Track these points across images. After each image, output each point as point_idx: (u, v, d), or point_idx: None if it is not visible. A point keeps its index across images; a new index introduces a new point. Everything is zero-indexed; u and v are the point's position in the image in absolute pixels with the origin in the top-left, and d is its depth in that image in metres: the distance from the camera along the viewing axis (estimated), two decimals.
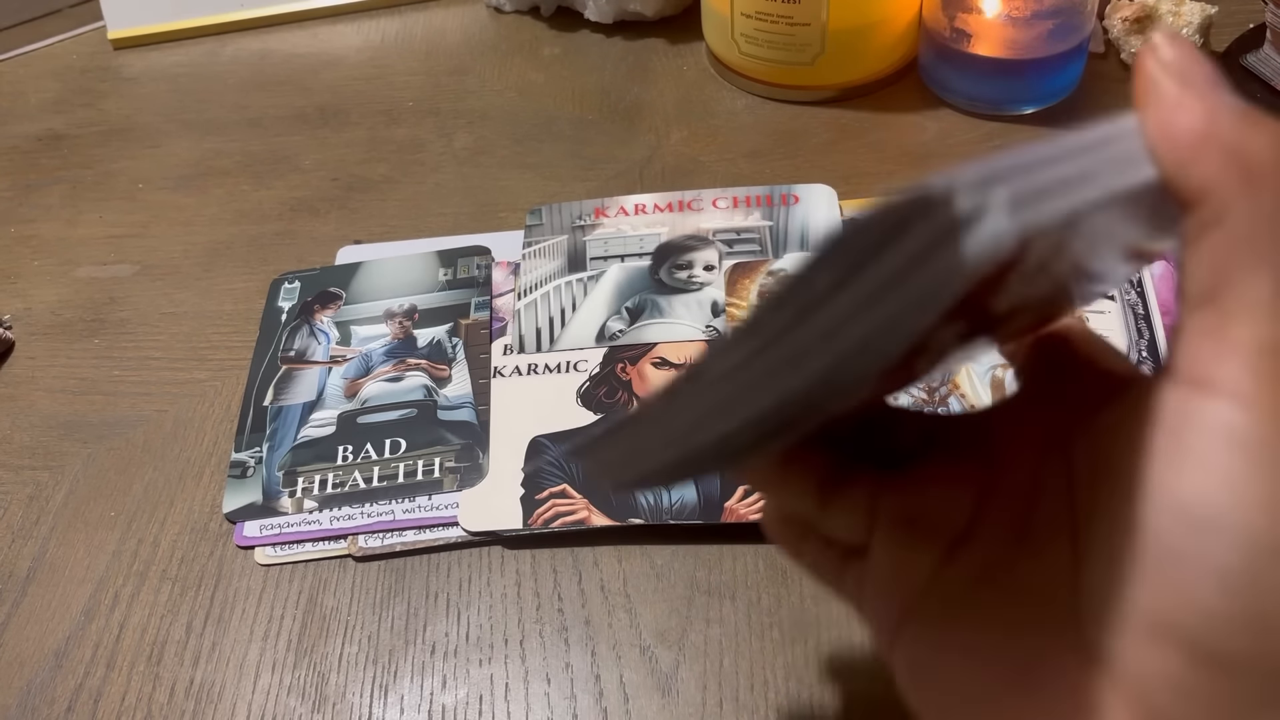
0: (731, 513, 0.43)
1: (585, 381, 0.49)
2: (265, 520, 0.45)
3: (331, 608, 0.43)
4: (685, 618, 0.41)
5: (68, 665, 0.42)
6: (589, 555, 0.44)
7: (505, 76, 0.68)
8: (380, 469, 0.47)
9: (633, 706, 0.39)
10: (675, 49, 0.69)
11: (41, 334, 0.55)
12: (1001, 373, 0.47)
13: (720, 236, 0.55)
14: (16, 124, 0.69)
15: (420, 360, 0.51)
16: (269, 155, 0.64)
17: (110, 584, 0.44)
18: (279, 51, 0.72)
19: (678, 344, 0.50)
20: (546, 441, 0.47)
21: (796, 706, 0.39)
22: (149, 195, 0.63)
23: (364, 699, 0.40)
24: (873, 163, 0.59)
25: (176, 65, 0.72)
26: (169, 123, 0.68)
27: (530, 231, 0.56)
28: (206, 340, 0.54)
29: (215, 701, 0.41)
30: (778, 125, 0.62)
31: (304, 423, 0.49)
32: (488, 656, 0.41)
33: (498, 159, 0.62)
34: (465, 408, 0.49)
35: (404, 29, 0.73)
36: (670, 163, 0.61)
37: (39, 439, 0.50)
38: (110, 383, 0.52)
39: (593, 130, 0.63)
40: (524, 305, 0.53)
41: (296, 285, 0.55)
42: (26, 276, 0.59)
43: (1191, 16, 0.60)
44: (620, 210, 0.57)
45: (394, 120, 0.66)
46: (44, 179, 0.65)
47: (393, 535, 0.45)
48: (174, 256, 0.59)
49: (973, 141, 0.60)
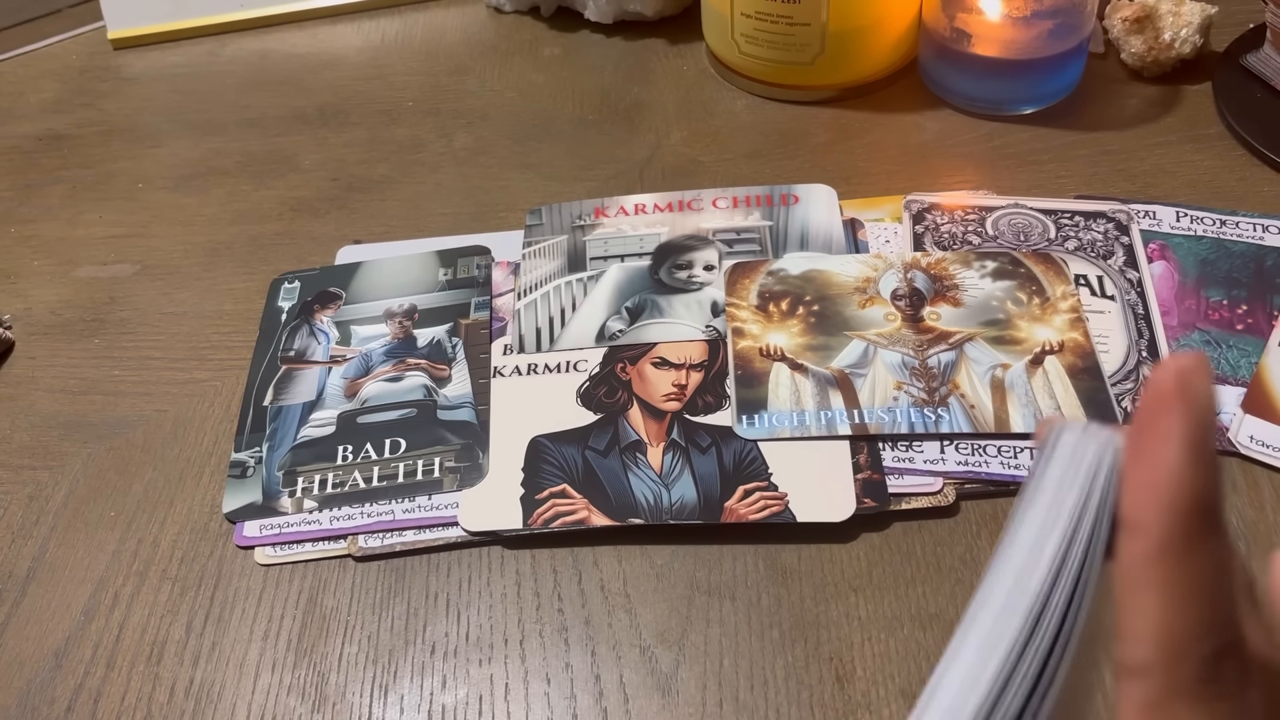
0: (731, 513, 0.43)
1: (585, 381, 0.49)
2: (265, 520, 0.45)
3: (331, 608, 0.43)
4: (685, 618, 0.41)
5: (68, 665, 0.42)
6: (589, 555, 0.44)
7: (505, 76, 0.68)
8: (380, 469, 0.47)
9: (633, 706, 0.39)
10: (675, 49, 0.69)
11: (41, 334, 0.55)
12: (1001, 373, 0.47)
13: (720, 236, 0.55)
14: (16, 124, 0.69)
15: (420, 360, 0.51)
16: (269, 155, 0.64)
17: (110, 584, 0.44)
18: (279, 51, 0.72)
19: (678, 344, 0.50)
20: (546, 441, 0.47)
21: (796, 706, 0.39)
22: (149, 195, 0.63)
23: (364, 699, 0.40)
24: (873, 163, 0.59)
25: (176, 65, 0.72)
26: (169, 123, 0.68)
27: (530, 231, 0.56)
28: (206, 340, 0.54)
29: (215, 701, 0.41)
30: (778, 125, 0.62)
31: (304, 423, 0.49)
32: (488, 656, 0.41)
33: (498, 159, 0.62)
34: (465, 408, 0.49)
35: (404, 29, 0.73)
36: (670, 163, 0.61)
37: (39, 439, 0.50)
38: (110, 383, 0.52)
39: (593, 130, 0.63)
40: (524, 305, 0.53)
41: (296, 285, 0.55)
42: (26, 276, 0.59)
43: (1191, 16, 0.60)
44: (620, 210, 0.57)
45: (394, 120, 0.66)
46: (44, 179, 0.65)
47: (393, 535, 0.44)
48: (174, 256, 0.59)
49: (973, 141, 0.60)
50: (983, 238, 0.53)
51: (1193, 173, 0.56)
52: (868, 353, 0.48)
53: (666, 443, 0.46)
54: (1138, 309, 0.50)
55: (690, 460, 0.45)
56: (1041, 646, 0.19)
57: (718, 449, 0.46)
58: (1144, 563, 0.19)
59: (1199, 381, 0.19)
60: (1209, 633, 0.19)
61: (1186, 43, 0.60)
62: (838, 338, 0.49)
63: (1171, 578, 0.19)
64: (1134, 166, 0.57)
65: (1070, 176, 0.57)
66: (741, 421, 0.46)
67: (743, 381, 0.48)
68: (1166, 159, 0.57)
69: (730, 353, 0.49)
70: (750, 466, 0.45)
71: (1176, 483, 0.19)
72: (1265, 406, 0.45)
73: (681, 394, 0.48)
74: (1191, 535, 0.19)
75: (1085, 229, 0.53)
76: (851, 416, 0.46)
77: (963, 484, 0.44)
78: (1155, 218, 0.53)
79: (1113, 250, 0.52)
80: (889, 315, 0.50)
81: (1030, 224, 0.54)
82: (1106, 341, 0.48)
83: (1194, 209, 0.54)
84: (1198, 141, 0.58)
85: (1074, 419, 0.20)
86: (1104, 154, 0.58)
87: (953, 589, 0.41)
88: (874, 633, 0.40)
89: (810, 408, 0.46)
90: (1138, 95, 0.61)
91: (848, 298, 0.51)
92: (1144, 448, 0.19)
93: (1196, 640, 0.19)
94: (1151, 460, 0.19)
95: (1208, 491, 0.19)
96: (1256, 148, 0.57)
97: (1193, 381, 0.19)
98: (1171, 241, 0.52)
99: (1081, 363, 0.47)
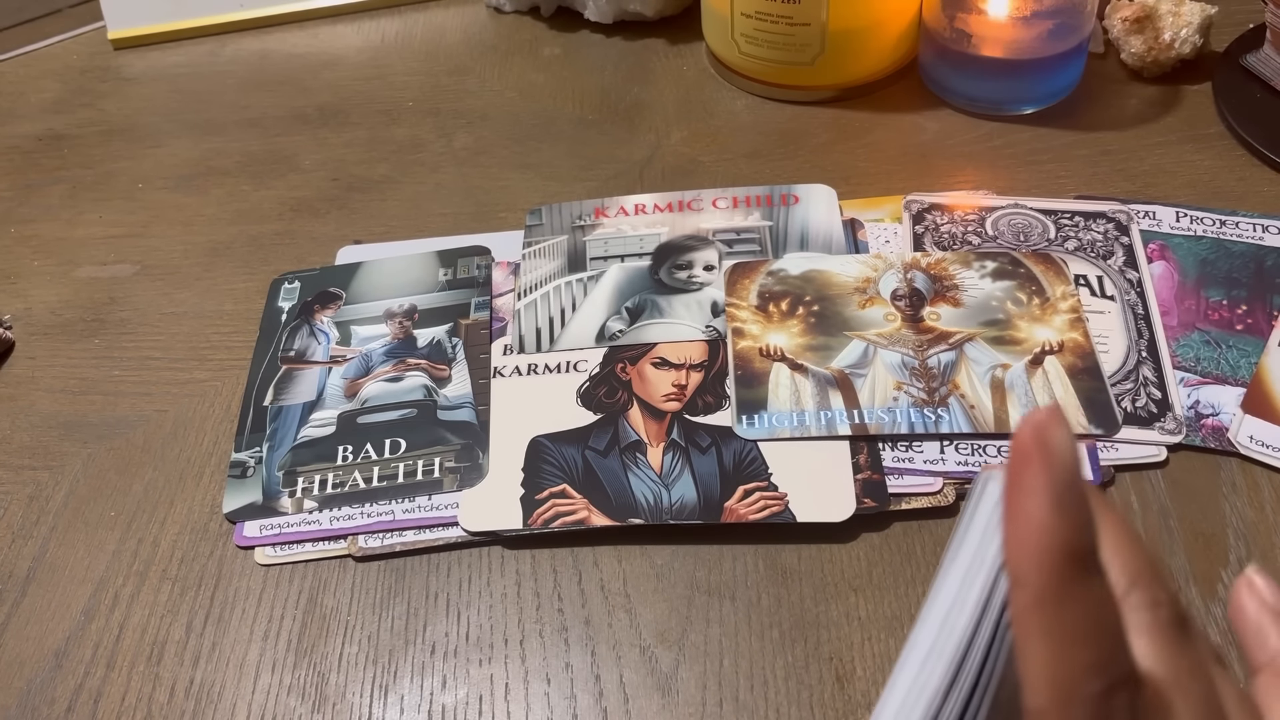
0: (731, 513, 0.43)
1: (585, 381, 0.49)
2: (265, 520, 0.45)
3: (331, 608, 0.43)
4: (685, 618, 0.41)
5: (68, 665, 0.42)
6: (589, 555, 0.44)
7: (505, 76, 0.68)
8: (380, 469, 0.47)
9: (633, 706, 0.39)
10: (675, 49, 0.69)
11: (41, 334, 0.55)
12: (1001, 373, 0.47)
13: (720, 236, 0.55)
14: (16, 124, 0.69)
15: (420, 360, 0.51)
16: (269, 155, 0.64)
17: (110, 584, 0.44)
18: (279, 51, 0.72)
19: (678, 344, 0.50)
20: (546, 441, 0.47)
21: (796, 706, 0.39)
22: (149, 195, 0.63)
23: (364, 699, 0.40)
24: (873, 163, 0.59)
25: (176, 65, 0.72)
26: (169, 123, 0.68)
27: (530, 231, 0.56)
28: (206, 340, 0.54)
29: (215, 701, 0.41)
30: (777, 125, 0.62)
31: (304, 423, 0.49)
32: (488, 656, 0.41)
33: (498, 159, 0.62)
34: (465, 408, 0.49)
35: (404, 29, 0.73)
36: (670, 163, 0.61)
37: (39, 439, 0.50)
38: (110, 383, 0.52)
39: (593, 130, 0.63)
40: (524, 305, 0.53)
41: (296, 285, 0.55)
42: (26, 276, 0.59)
43: (1191, 16, 0.60)
44: (620, 210, 0.57)
45: (394, 120, 0.66)
46: (44, 179, 0.65)
47: (393, 535, 0.45)
48: (174, 256, 0.59)
49: (972, 141, 0.60)
50: (983, 238, 0.53)
51: (1193, 173, 0.56)
52: (868, 353, 0.48)
53: (666, 443, 0.46)
54: (1138, 309, 0.50)
55: (690, 460, 0.45)
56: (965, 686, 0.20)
57: (718, 449, 0.46)
58: (1028, 612, 0.20)
59: (1056, 435, 0.20)
60: (1097, 672, 0.19)
61: (1186, 43, 0.60)
62: (838, 338, 0.49)
63: (1052, 624, 0.19)
64: (1134, 166, 0.57)
65: (1070, 176, 0.57)
66: (741, 421, 0.46)
67: (743, 382, 0.48)
68: (1166, 159, 0.57)
69: (730, 353, 0.49)
70: (750, 466, 0.45)
71: (1045, 535, 0.19)
72: (1265, 406, 0.45)
73: (681, 394, 0.48)
74: (1065, 582, 0.19)
75: (1085, 229, 0.53)
76: (851, 417, 0.46)
77: (963, 484, 0.44)
78: (1155, 218, 0.53)
79: (1112, 250, 0.52)
80: (889, 315, 0.50)
81: (1030, 224, 0.54)
82: (1106, 341, 0.48)
83: (1194, 209, 0.54)
84: (1198, 141, 0.58)
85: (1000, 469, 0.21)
86: (1104, 154, 0.58)
87: None
88: (874, 633, 0.40)
89: (810, 408, 0.46)
90: (1138, 95, 0.61)
91: (848, 298, 0.51)
92: (1014, 504, 0.20)
93: (1085, 680, 0.19)
94: (1021, 516, 0.20)
95: (1077, 538, 0.20)
96: (1256, 148, 0.57)
97: (1050, 436, 0.20)
98: (1171, 241, 0.52)
99: (1081, 363, 0.47)
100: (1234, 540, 0.42)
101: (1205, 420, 0.45)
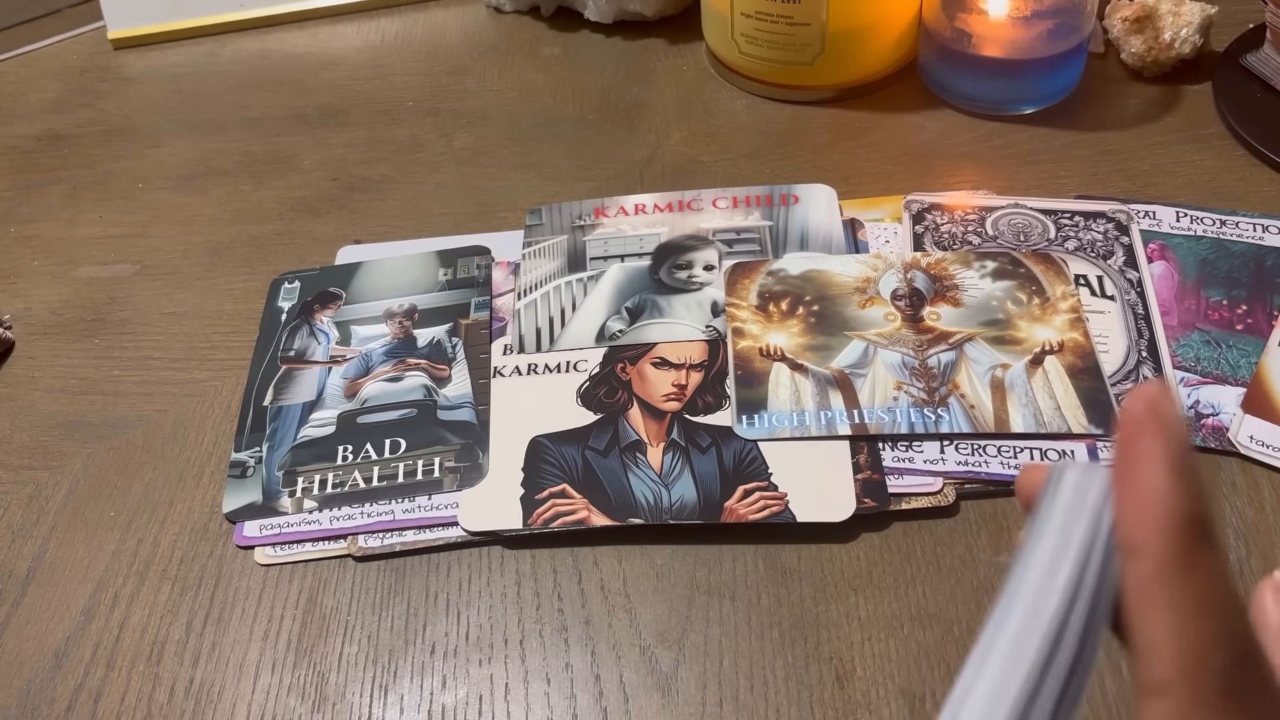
0: (731, 513, 0.43)
1: (585, 381, 0.49)
2: (265, 520, 0.45)
3: (331, 608, 0.43)
4: (685, 618, 0.41)
5: (68, 665, 0.42)
6: (589, 555, 0.44)
7: (505, 76, 0.68)
8: (380, 469, 0.47)
9: (633, 706, 0.39)
10: (675, 49, 0.69)
11: (41, 334, 0.55)
12: (1001, 373, 0.47)
13: (720, 236, 0.55)
14: (16, 124, 0.69)
15: (420, 360, 0.51)
16: (269, 155, 0.64)
17: (110, 584, 0.44)
18: (279, 51, 0.72)
19: (678, 344, 0.50)
20: (546, 441, 0.47)
21: (796, 706, 0.39)
22: (149, 195, 0.63)
23: (364, 699, 0.40)
24: (873, 163, 0.59)
25: (176, 65, 0.72)
26: (169, 123, 0.68)
27: (530, 231, 0.56)
28: (206, 340, 0.54)
29: (215, 701, 0.41)
30: (777, 125, 0.62)
31: (304, 423, 0.49)
32: (488, 656, 0.41)
33: (498, 159, 0.62)
34: (465, 408, 0.49)
35: (404, 29, 0.73)
36: (670, 163, 0.61)
37: (39, 439, 0.50)
38: (110, 383, 0.52)
39: (593, 130, 0.63)
40: (524, 305, 0.53)
41: (296, 285, 0.55)
42: (26, 276, 0.59)
43: (1191, 16, 0.60)
44: (620, 210, 0.57)
45: (394, 120, 0.66)
46: (44, 179, 0.65)
47: (393, 535, 0.45)
48: (174, 256, 0.59)
49: (972, 141, 0.60)
50: (983, 238, 0.53)
51: (1193, 173, 0.56)
52: (868, 353, 0.48)
53: (666, 443, 0.46)
54: (1138, 309, 0.50)
55: (690, 460, 0.45)
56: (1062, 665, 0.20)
57: (718, 449, 0.46)
58: (1151, 582, 0.19)
59: (1168, 406, 0.20)
60: (1224, 643, 0.19)
61: (1186, 43, 0.60)
62: (838, 338, 0.49)
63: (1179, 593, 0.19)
64: (1134, 166, 0.57)
65: (1070, 176, 0.57)
66: (741, 421, 0.46)
67: (743, 381, 0.48)
68: (1166, 159, 0.57)
69: (730, 353, 0.49)
70: (750, 466, 0.45)
71: (1167, 502, 0.19)
72: (1265, 406, 0.45)
73: (681, 394, 0.48)
74: (1189, 550, 0.19)
75: (1085, 229, 0.53)
76: (851, 416, 0.46)
77: (963, 484, 0.44)
78: (1155, 218, 0.53)
79: (1113, 250, 0.52)
80: (889, 315, 0.50)
81: (1030, 224, 0.54)
82: (1106, 341, 0.48)
83: (1194, 209, 0.54)
84: (1198, 141, 0.58)
85: (1069, 462, 0.21)
86: (1104, 154, 0.58)
87: (952, 589, 0.41)
88: (874, 633, 0.40)
89: (810, 408, 0.46)
90: (1138, 95, 0.61)
91: (848, 298, 0.51)
92: (1130, 474, 0.20)
93: (1213, 651, 0.19)
94: (1139, 485, 0.20)
95: (1196, 506, 0.19)
96: (1256, 148, 0.57)
97: (1163, 406, 0.20)
98: (1171, 241, 0.52)
99: (1081, 363, 0.47)
100: (1234, 540, 0.42)
101: (1205, 420, 0.45)
